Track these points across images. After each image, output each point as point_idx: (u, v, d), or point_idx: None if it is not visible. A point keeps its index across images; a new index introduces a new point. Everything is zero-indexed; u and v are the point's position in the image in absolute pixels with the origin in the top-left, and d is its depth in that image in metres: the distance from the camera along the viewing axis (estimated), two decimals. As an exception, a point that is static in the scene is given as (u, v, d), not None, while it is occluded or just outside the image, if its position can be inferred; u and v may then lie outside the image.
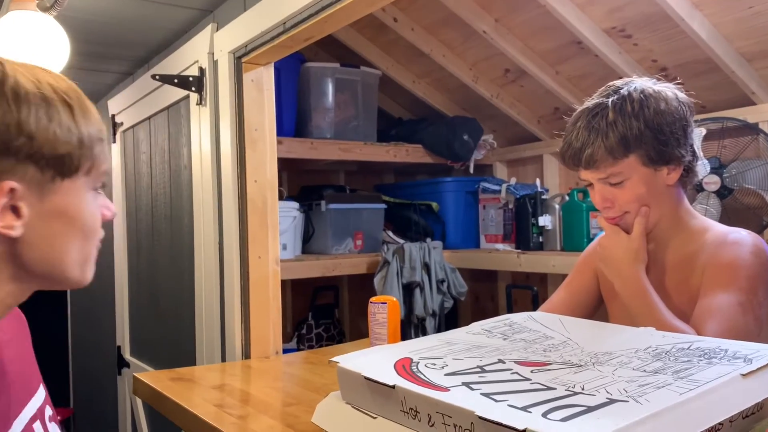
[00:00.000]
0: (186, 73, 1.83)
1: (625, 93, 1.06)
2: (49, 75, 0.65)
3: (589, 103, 1.09)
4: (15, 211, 0.62)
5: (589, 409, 0.66)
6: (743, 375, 0.70)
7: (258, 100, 1.62)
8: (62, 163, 0.63)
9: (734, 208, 1.92)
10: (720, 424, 0.67)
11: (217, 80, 1.69)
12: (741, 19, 1.74)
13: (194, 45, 1.83)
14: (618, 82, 1.10)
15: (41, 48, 1.53)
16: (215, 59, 1.70)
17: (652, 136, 1.03)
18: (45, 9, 1.50)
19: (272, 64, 1.64)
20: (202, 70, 1.75)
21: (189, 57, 1.84)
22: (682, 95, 1.09)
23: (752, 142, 1.90)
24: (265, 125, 1.64)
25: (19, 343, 0.78)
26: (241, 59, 1.60)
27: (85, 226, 0.68)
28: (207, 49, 1.72)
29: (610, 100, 1.06)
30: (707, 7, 1.74)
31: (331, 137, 2.42)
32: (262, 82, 1.63)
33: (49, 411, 0.77)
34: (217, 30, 1.72)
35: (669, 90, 1.08)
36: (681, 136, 1.05)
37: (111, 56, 2.33)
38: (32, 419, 0.73)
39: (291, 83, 2.36)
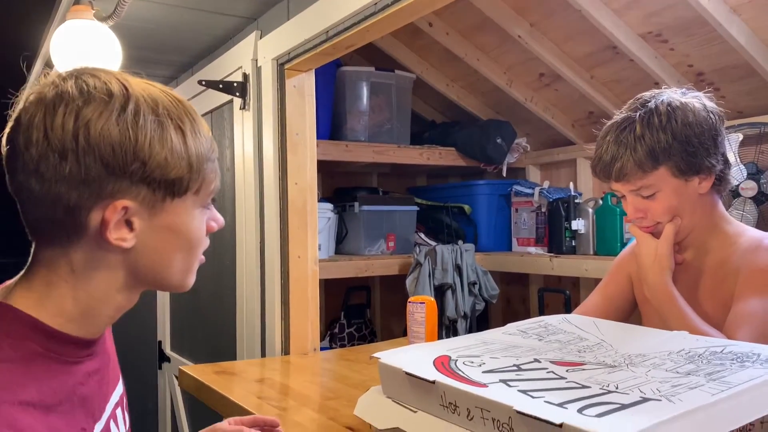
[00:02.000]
0: (230, 78, 1.89)
1: (653, 106, 1.08)
2: (165, 96, 0.70)
3: (618, 117, 1.11)
4: (128, 224, 0.68)
5: (623, 407, 0.69)
6: (775, 378, 0.72)
7: (300, 106, 1.67)
8: (172, 186, 0.69)
9: (771, 214, 1.90)
10: (751, 424, 0.70)
11: (261, 86, 1.75)
12: (781, 24, 1.73)
13: (238, 51, 1.89)
14: (646, 95, 1.12)
15: (95, 55, 1.61)
16: (259, 66, 1.76)
17: (681, 148, 1.05)
18: (102, 19, 1.58)
19: (313, 70, 1.69)
20: (245, 76, 1.81)
21: (233, 63, 1.91)
22: (710, 104, 1.10)
23: (791, 148, 1.88)
24: (306, 130, 1.69)
25: (110, 335, 0.85)
26: (284, 66, 1.65)
27: (190, 240, 0.73)
28: (251, 55, 1.79)
29: (638, 113, 1.08)
30: (746, 11, 1.73)
31: (366, 140, 2.47)
32: (304, 88, 1.68)
33: (124, 400, 0.84)
34: (260, 37, 1.78)
35: (697, 101, 1.09)
36: (711, 146, 1.06)
37: (157, 61, 2.42)
38: (116, 405, 0.80)
39: (327, 87, 2.42)
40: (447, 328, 2.42)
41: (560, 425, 0.66)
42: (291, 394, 1.29)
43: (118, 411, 0.80)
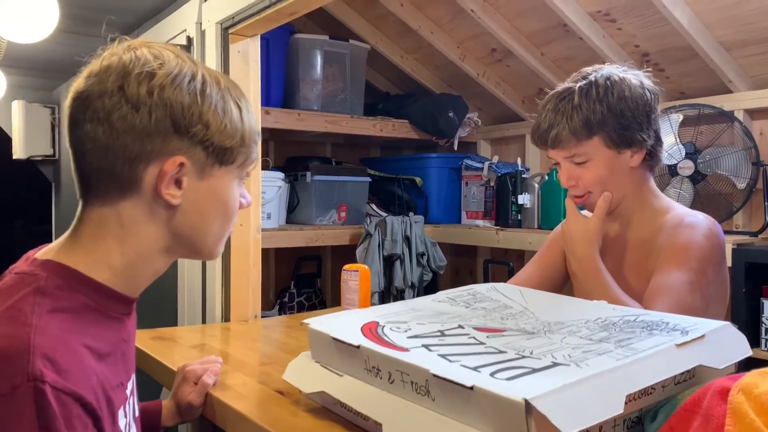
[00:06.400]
0: (174, 41, 1.84)
1: (593, 79, 1.12)
2: (226, 79, 0.78)
3: (560, 87, 1.15)
4: (177, 184, 0.74)
5: (533, 371, 0.71)
6: (677, 345, 0.76)
7: (244, 72, 1.64)
8: (224, 153, 0.76)
9: (707, 194, 1.98)
10: (652, 388, 0.73)
11: (205, 50, 1.71)
12: (722, 8, 1.78)
13: (182, 14, 1.84)
14: (588, 69, 1.16)
15: (31, 11, 1.54)
16: (203, 29, 1.72)
17: (614, 120, 1.09)
18: (34, -28, 1.51)
19: (259, 36, 1.66)
20: (189, 40, 1.77)
21: (177, 26, 1.86)
22: (648, 82, 1.14)
23: (727, 130, 1.96)
24: (250, 96, 1.66)
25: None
26: (227, 30, 1.62)
27: (227, 209, 0.80)
28: (195, 18, 1.74)
29: (578, 85, 1.12)
30: (689, -5, 1.78)
31: (318, 109, 2.45)
32: (248, 54, 1.65)
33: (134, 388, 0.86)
34: (205, 0, 1.73)
35: (635, 77, 1.13)
36: (644, 121, 1.11)
37: (98, 21, 2.32)
38: (131, 391, 0.82)
39: (280, 54, 2.38)
40: (395, 298, 2.46)
41: (471, 387, 0.68)
42: (228, 360, 1.29)
43: (134, 376, 0.85)
